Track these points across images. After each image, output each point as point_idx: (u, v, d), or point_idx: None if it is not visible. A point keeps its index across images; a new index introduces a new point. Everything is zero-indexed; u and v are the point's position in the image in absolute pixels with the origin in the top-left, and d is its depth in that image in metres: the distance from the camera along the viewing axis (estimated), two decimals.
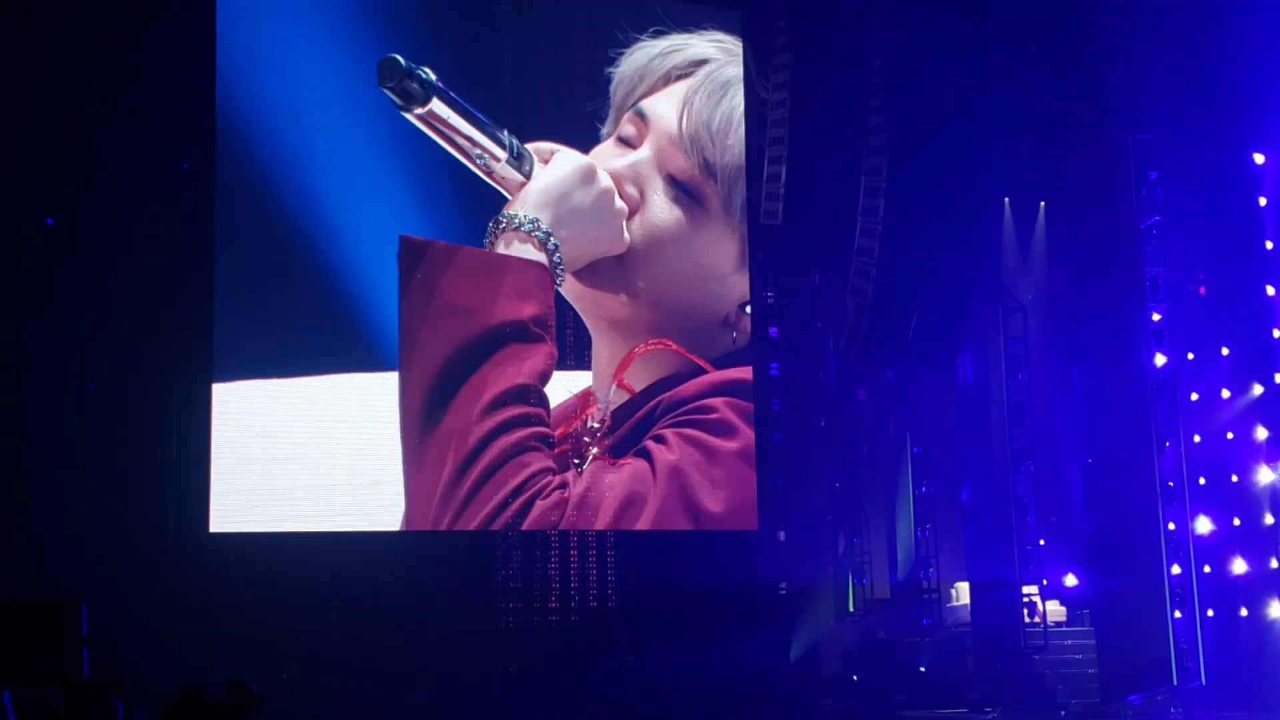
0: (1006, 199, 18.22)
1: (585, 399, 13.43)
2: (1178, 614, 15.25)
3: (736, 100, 13.89)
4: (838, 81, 14.38)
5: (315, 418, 12.83)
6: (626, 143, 13.53)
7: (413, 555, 12.96)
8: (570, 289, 13.27)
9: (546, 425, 12.97)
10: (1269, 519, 15.06)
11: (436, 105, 12.43)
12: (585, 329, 13.63)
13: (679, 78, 13.76)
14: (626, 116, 13.61)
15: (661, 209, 13.50)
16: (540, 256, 12.80)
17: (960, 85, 13.77)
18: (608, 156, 13.53)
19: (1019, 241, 18.87)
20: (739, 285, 14.22)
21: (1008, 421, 16.91)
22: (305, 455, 12.69)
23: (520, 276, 12.78)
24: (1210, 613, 15.37)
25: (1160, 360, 15.71)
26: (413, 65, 12.30)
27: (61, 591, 10.73)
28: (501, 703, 13.09)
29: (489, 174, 12.81)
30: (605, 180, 13.24)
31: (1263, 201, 15.34)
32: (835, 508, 18.55)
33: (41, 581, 11.29)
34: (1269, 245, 15.43)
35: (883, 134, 13.63)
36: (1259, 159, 15.40)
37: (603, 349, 13.62)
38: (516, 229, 12.79)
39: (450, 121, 12.54)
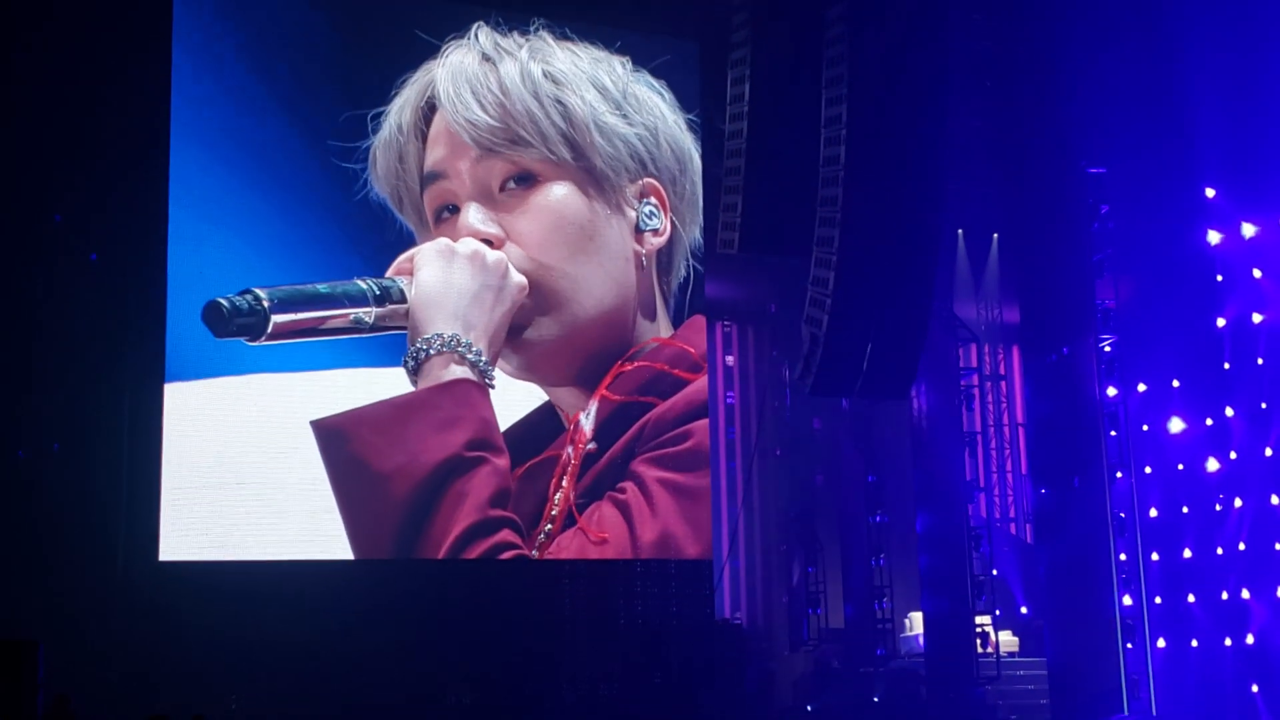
0: (960, 230, 18.39)
1: (574, 427, 12.61)
2: (1129, 645, 15.35)
3: (483, 69, 12.20)
4: (794, 110, 14.39)
5: (265, 444, 12.67)
6: (448, 211, 12.31)
7: (365, 585, 12.84)
8: (503, 371, 12.23)
9: (515, 529, 12.20)
10: (1219, 550, 15.17)
11: (279, 318, 11.17)
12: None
13: (427, 118, 12.29)
14: (426, 197, 12.34)
15: (523, 217, 12.25)
16: (464, 370, 11.66)
17: (915, 118, 13.81)
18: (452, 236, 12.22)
19: (972, 273, 19.06)
20: (623, 208, 12.76)
21: (962, 452, 17.01)
22: (257, 483, 12.54)
23: (438, 408, 11.68)
24: (1161, 643, 15.46)
25: (1112, 391, 15.85)
26: (234, 299, 11.09)
27: (6, 626, 10.59)
28: None
29: (373, 330, 11.65)
30: (467, 245, 11.97)
31: (1214, 236, 15.49)
32: (790, 537, 18.59)
33: None
34: (1219, 278, 15.58)
35: (838, 165, 13.64)
36: (1210, 193, 15.56)
37: (564, 392, 12.81)
38: (429, 358, 11.61)
39: (301, 320, 11.31)
